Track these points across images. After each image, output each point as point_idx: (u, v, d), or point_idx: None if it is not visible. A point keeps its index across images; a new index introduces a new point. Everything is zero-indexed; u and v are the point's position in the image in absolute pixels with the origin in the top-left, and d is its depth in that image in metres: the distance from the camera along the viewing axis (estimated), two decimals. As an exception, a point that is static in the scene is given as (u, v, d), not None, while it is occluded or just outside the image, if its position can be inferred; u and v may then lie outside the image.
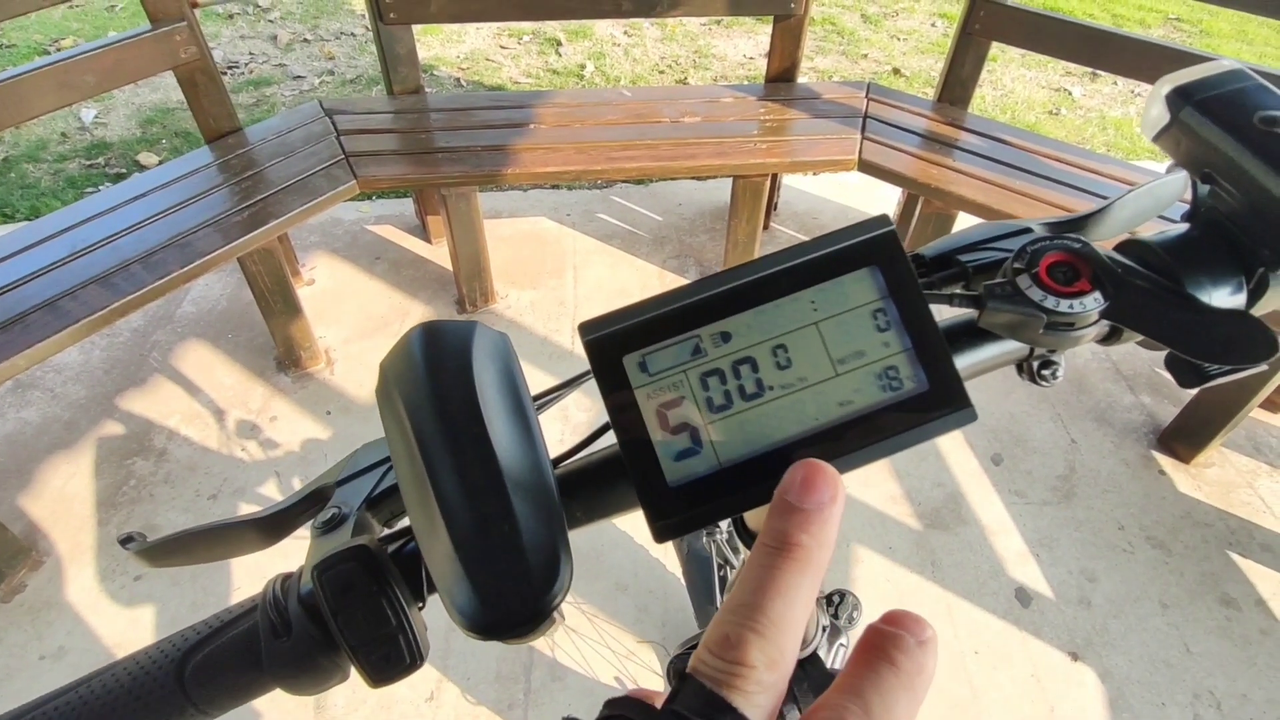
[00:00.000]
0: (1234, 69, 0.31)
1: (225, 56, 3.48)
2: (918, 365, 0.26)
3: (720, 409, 0.26)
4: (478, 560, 0.25)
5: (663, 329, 0.27)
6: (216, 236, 1.66)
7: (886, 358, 0.26)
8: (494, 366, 0.29)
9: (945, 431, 0.26)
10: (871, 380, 0.26)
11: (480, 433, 0.27)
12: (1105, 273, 0.29)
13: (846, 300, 0.27)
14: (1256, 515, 1.77)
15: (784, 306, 0.27)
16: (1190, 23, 4.35)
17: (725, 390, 0.26)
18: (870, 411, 0.26)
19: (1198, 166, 0.31)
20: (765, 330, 0.27)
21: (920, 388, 0.26)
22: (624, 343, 0.27)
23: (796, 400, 0.26)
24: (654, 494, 0.25)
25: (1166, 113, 0.31)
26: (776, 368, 0.26)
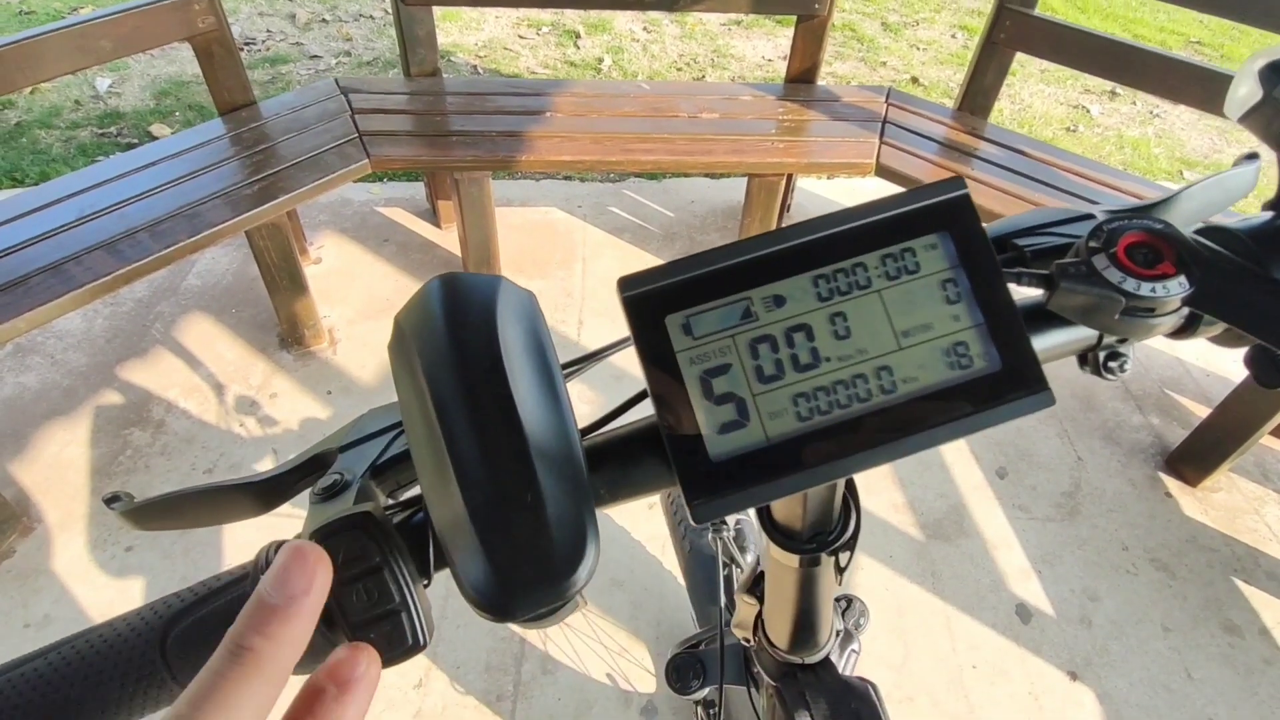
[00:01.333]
0: (1333, 46, 0.29)
1: (243, 32, 3.46)
2: (990, 342, 0.24)
3: (771, 379, 0.24)
4: (496, 533, 0.23)
5: (711, 288, 0.24)
6: (225, 208, 1.64)
7: (956, 332, 0.24)
8: (520, 325, 0.27)
9: (1020, 415, 0.24)
10: (938, 356, 0.24)
11: (504, 394, 0.25)
12: (1191, 255, 0.27)
13: (913, 268, 0.25)
14: (1263, 543, 1.75)
15: (845, 270, 0.25)
16: (1212, 47, 4.32)
17: (777, 359, 0.24)
18: (936, 390, 0.24)
19: None
20: (822, 296, 0.24)
21: (992, 367, 0.24)
22: (667, 301, 0.24)
23: (855, 374, 0.24)
24: (694, 469, 0.23)
25: (1259, 89, 0.29)
26: (834, 337, 0.24)
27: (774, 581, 0.46)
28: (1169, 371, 2.16)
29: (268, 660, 0.19)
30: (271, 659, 0.19)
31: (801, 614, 0.46)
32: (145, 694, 0.28)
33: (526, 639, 1.50)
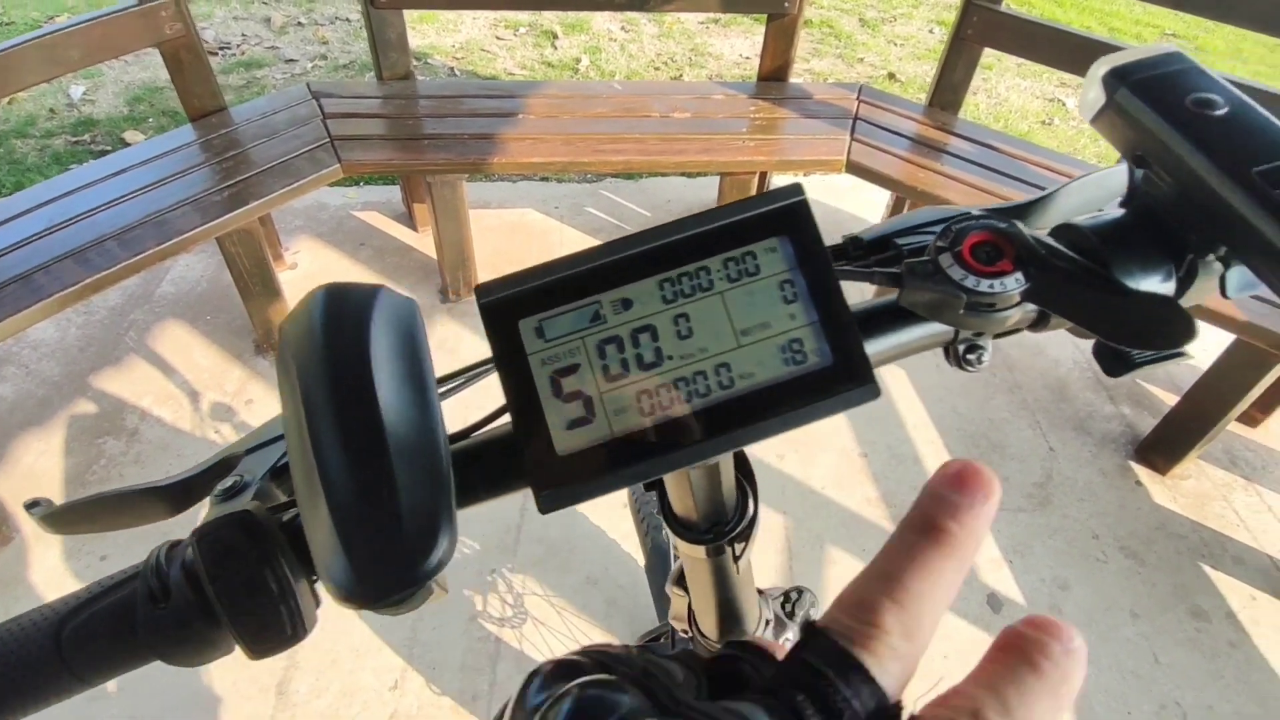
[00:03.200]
0: (1171, 51, 0.31)
1: (217, 37, 3.45)
2: (823, 339, 0.25)
3: (617, 378, 0.25)
4: (351, 525, 0.24)
5: (562, 293, 0.26)
6: (195, 215, 1.64)
7: (791, 330, 0.25)
8: (394, 332, 0.28)
9: (848, 407, 0.25)
10: (775, 353, 0.25)
11: (368, 396, 0.26)
12: (1028, 253, 0.28)
13: (753, 270, 0.26)
14: (1230, 528, 1.77)
15: (689, 274, 0.26)
16: (1186, 39, 4.36)
17: (623, 359, 0.25)
18: (772, 385, 0.25)
19: (1131, 150, 0.30)
20: (667, 298, 0.26)
21: (824, 362, 0.25)
22: (521, 306, 0.26)
23: (696, 371, 0.25)
24: (541, 462, 0.25)
25: (1103, 94, 0.31)
26: (677, 337, 0.25)
27: (690, 573, 0.47)
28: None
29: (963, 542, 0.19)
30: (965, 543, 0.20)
31: (722, 603, 0.48)
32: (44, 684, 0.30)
33: (502, 639, 1.51)
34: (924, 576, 0.19)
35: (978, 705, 0.17)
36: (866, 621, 0.18)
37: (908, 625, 0.18)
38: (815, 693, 0.17)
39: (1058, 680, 0.17)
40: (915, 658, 0.18)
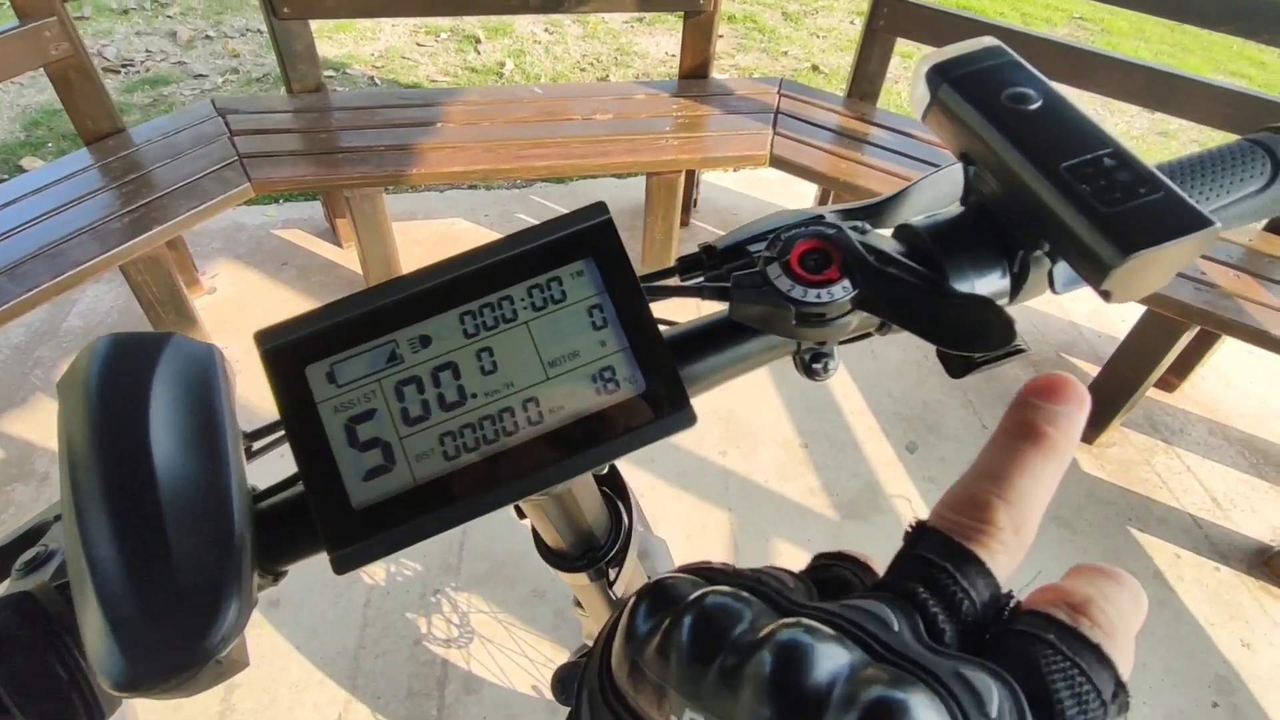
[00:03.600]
0: (991, 45, 0.30)
1: (119, 54, 3.29)
2: (635, 366, 0.24)
3: (417, 421, 0.23)
4: (119, 602, 0.22)
5: (353, 334, 0.24)
6: (93, 245, 1.55)
7: (603, 358, 0.24)
8: (183, 384, 0.26)
9: (664, 435, 0.24)
10: (586, 383, 0.24)
11: (141, 459, 0.23)
12: (855, 260, 0.27)
13: (559, 297, 0.24)
14: (1154, 491, 1.84)
15: (491, 305, 0.24)
16: (1093, 21, 4.54)
17: (423, 400, 0.23)
18: (583, 417, 0.24)
19: (958, 148, 0.30)
20: (469, 332, 0.24)
21: (638, 389, 0.24)
22: (307, 351, 0.23)
23: (502, 408, 0.24)
24: (335, 519, 0.23)
25: (927, 92, 0.30)
26: (481, 373, 0.24)
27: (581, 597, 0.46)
28: (1063, 336, 2.26)
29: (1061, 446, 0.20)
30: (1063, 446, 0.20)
31: None
32: None
33: (449, 660, 1.47)
34: (1029, 476, 0.19)
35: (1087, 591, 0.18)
36: (978, 518, 0.19)
37: (1016, 521, 0.19)
38: (933, 584, 0.18)
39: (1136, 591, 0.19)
40: (1022, 552, 0.19)
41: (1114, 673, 0.17)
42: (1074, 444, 0.20)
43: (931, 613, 0.17)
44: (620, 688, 0.17)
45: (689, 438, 1.85)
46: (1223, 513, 1.80)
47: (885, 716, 0.14)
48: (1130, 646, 0.18)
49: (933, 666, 0.15)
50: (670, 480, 1.74)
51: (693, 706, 0.15)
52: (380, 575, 1.59)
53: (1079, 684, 0.16)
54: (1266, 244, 1.79)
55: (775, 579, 0.20)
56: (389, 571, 1.60)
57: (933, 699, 0.14)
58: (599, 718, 0.17)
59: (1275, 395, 2.11)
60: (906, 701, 0.14)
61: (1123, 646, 0.17)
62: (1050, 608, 0.18)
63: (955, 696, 0.14)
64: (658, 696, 0.16)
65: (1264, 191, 0.31)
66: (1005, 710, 0.15)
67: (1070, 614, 0.17)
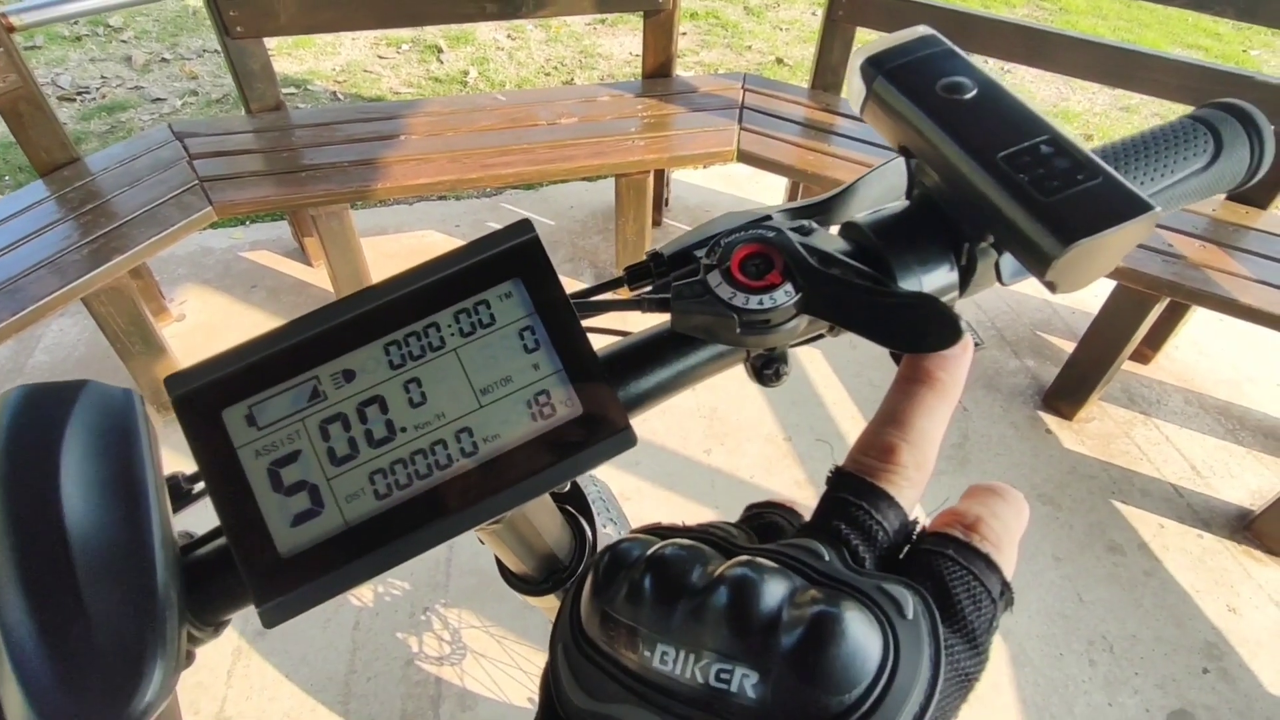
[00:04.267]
0: (925, 35, 0.29)
1: (74, 81, 3.23)
2: (570, 388, 0.23)
3: (345, 460, 0.22)
4: (34, 672, 0.20)
5: (272, 373, 0.23)
6: (51, 278, 1.52)
7: (536, 382, 0.23)
8: (97, 433, 0.24)
9: (604, 459, 0.23)
10: (521, 409, 0.23)
11: (51, 516, 0.22)
12: (796, 263, 0.26)
13: (488, 320, 0.23)
14: (1135, 463, 1.86)
15: (417, 334, 0.23)
16: (1051, 1, 4.59)
17: (350, 438, 0.22)
18: (519, 444, 0.23)
19: (897, 140, 0.29)
20: (395, 363, 0.23)
21: (574, 412, 0.23)
22: (223, 394, 0.22)
23: (434, 440, 0.22)
24: (261, 570, 0.21)
25: (863, 86, 0.29)
26: (410, 405, 0.23)
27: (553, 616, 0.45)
28: (1038, 314, 2.28)
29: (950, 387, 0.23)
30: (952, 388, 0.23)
31: None
32: None
33: (442, 677, 1.46)
34: (926, 415, 0.22)
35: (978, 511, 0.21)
36: (885, 460, 0.22)
37: (918, 458, 0.22)
38: (852, 520, 0.20)
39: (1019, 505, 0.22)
40: (924, 483, 0.22)
41: (1001, 575, 0.21)
42: (961, 384, 0.24)
43: (854, 544, 0.20)
44: (592, 637, 0.19)
45: (673, 438, 1.84)
46: (1203, 480, 1.83)
47: (826, 626, 0.17)
48: (1014, 552, 0.21)
49: (859, 584, 0.18)
50: (656, 482, 1.73)
51: (663, 641, 0.18)
52: (368, 596, 1.57)
53: (973, 587, 0.20)
54: (1231, 213, 1.81)
55: (720, 529, 0.23)
56: (376, 592, 1.58)
57: (862, 609, 0.17)
58: (575, 665, 0.19)
59: (1247, 361, 2.14)
60: (841, 613, 0.17)
61: (1008, 554, 0.21)
62: (948, 528, 0.21)
63: (879, 605, 0.18)
64: (630, 638, 0.18)
65: (1207, 170, 0.30)
66: (919, 612, 0.18)
67: (964, 531, 0.21)
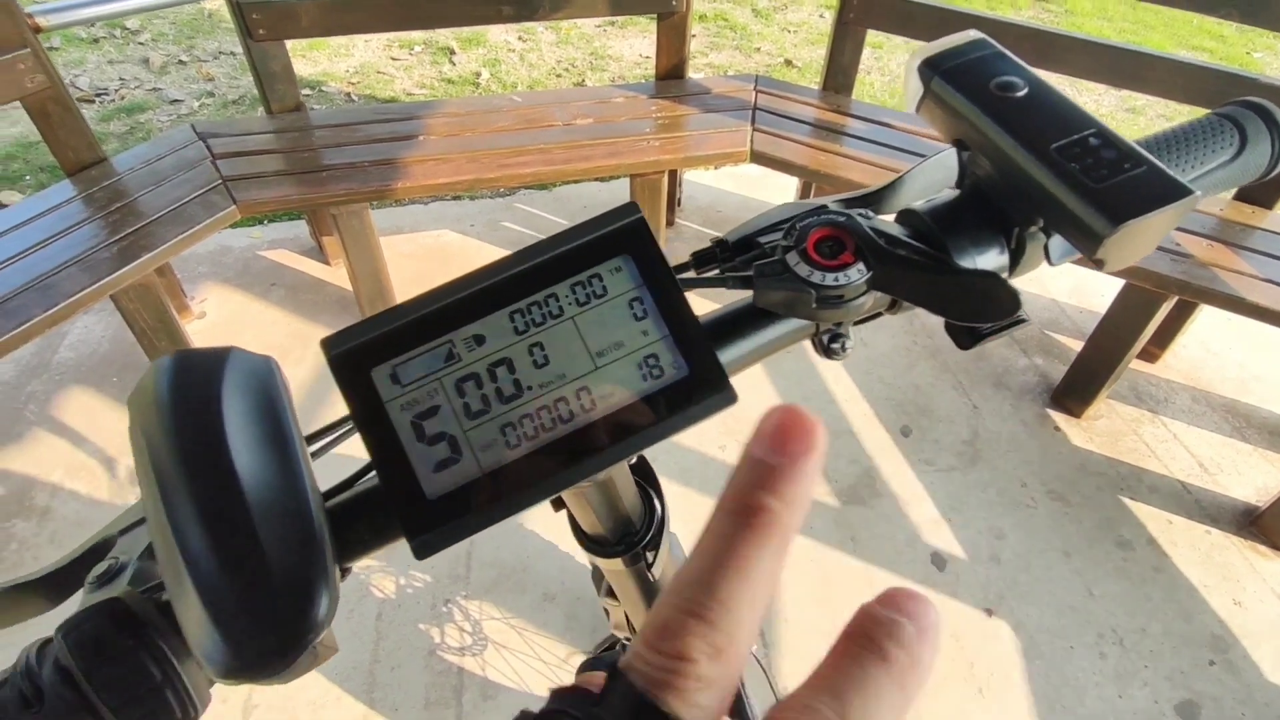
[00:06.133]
0: (976, 39, 0.32)
1: (93, 83, 3.27)
2: (676, 352, 0.26)
3: (478, 414, 0.25)
4: (220, 597, 0.23)
5: (412, 337, 0.26)
6: (82, 276, 1.55)
7: (645, 346, 0.26)
8: (248, 393, 0.27)
9: (709, 415, 0.26)
10: (632, 370, 0.26)
11: (223, 463, 0.25)
12: (867, 244, 0.29)
13: (601, 292, 0.26)
14: (1143, 460, 1.89)
15: (538, 303, 0.26)
16: (1057, 3, 4.62)
17: (482, 394, 0.25)
18: (633, 401, 0.26)
19: (952, 135, 0.32)
20: (519, 329, 0.26)
21: (680, 374, 0.26)
22: (371, 355, 0.25)
23: (557, 398, 0.25)
24: (411, 509, 0.24)
25: (920, 85, 0.32)
26: (534, 366, 0.26)
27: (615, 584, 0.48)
28: (1046, 313, 2.30)
29: (784, 518, 0.17)
30: (786, 518, 0.17)
31: None
32: None
33: (464, 668, 1.49)
34: (740, 576, 0.17)
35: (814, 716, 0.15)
36: (670, 654, 0.16)
37: (717, 644, 0.16)
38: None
39: (907, 667, 0.16)
40: (732, 676, 0.17)
41: None
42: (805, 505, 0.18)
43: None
44: None
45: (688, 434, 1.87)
46: (1210, 477, 1.85)
47: None
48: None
49: None
50: (673, 477, 1.76)
51: None
52: (390, 588, 1.60)
53: None
54: (1237, 213, 1.84)
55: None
56: (399, 584, 1.61)
57: None
58: None
59: (1254, 360, 2.16)
60: None
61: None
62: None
63: None
64: None
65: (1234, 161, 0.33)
66: None
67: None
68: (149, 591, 0.29)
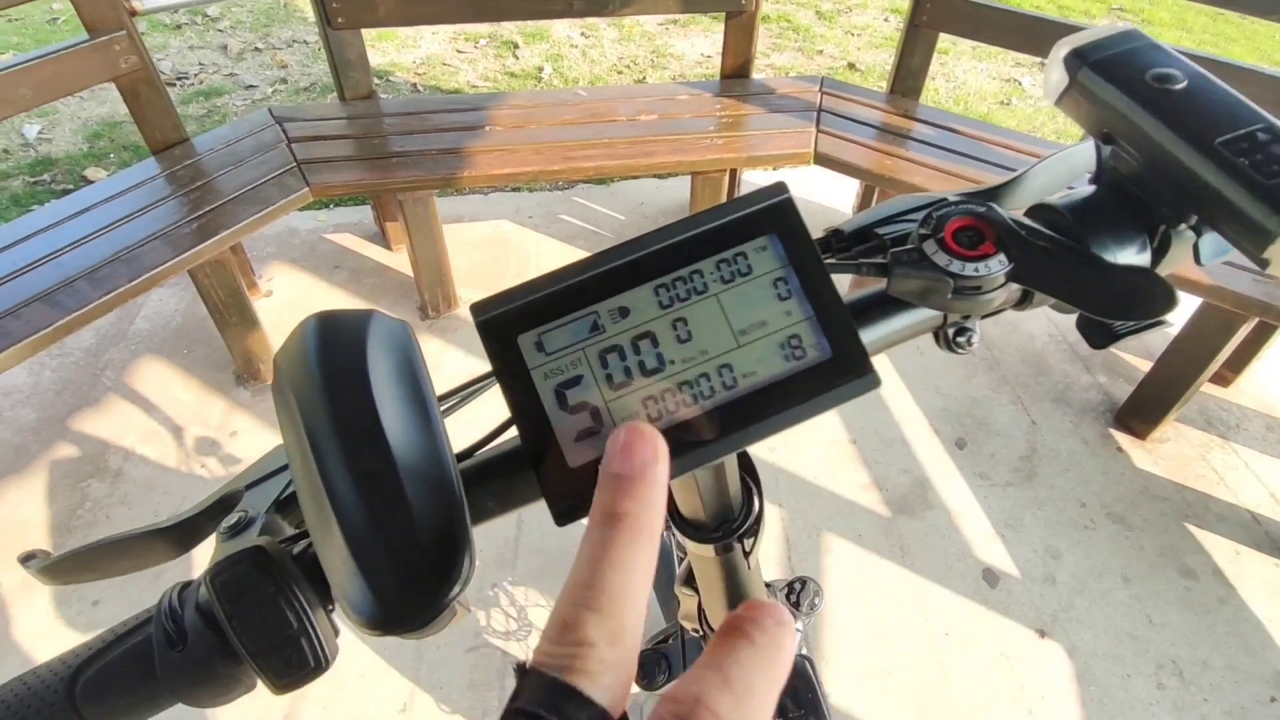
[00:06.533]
0: (1127, 30, 0.32)
1: (174, 67, 3.40)
2: (820, 333, 0.26)
3: (621, 386, 0.26)
4: (369, 552, 0.24)
5: (559, 306, 0.26)
6: (165, 249, 1.62)
7: (789, 327, 0.26)
8: (391, 355, 0.28)
9: (850, 398, 0.26)
10: (774, 350, 0.26)
11: (373, 422, 0.26)
12: (1009, 235, 0.29)
13: (746, 270, 0.26)
14: (1211, 487, 1.81)
15: (683, 278, 0.26)
16: (1133, 12, 4.46)
17: (625, 366, 0.26)
18: (774, 381, 0.26)
19: (1098, 128, 0.32)
20: (664, 304, 0.26)
21: (823, 356, 0.26)
22: (518, 322, 0.26)
23: (699, 373, 0.26)
24: (554, 477, 0.25)
25: (1065, 75, 0.32)
26: (677, 341, 0.26)
27: (700, 573, 0.48)
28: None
29: (644, 519, 0.21)
30: (646, 518, 0.21)
31: (733, 600, 0.48)
32: None
33: (508, 652, 1.51)
34: (618, 570, 0.20)
35: (702, 686, 0.18)
36: (572, 642, 0.18)
37: (611, 630, 0.19)
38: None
39: (772, 649, 0.19)
40: (629, 659, 0.19)
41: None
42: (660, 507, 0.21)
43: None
44: None
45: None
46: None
47: None
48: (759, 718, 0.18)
49: None
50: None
51: None
52: (439, 568, 1.63)
53: None
54: (1328, 234, 1.75)
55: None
56: (447, 565, 1.64)
57: None
58: None
59: (1336, 389, 2.06)
60: None
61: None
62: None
63: None
64: None
65: None
66: None
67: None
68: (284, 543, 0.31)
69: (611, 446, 0.22)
